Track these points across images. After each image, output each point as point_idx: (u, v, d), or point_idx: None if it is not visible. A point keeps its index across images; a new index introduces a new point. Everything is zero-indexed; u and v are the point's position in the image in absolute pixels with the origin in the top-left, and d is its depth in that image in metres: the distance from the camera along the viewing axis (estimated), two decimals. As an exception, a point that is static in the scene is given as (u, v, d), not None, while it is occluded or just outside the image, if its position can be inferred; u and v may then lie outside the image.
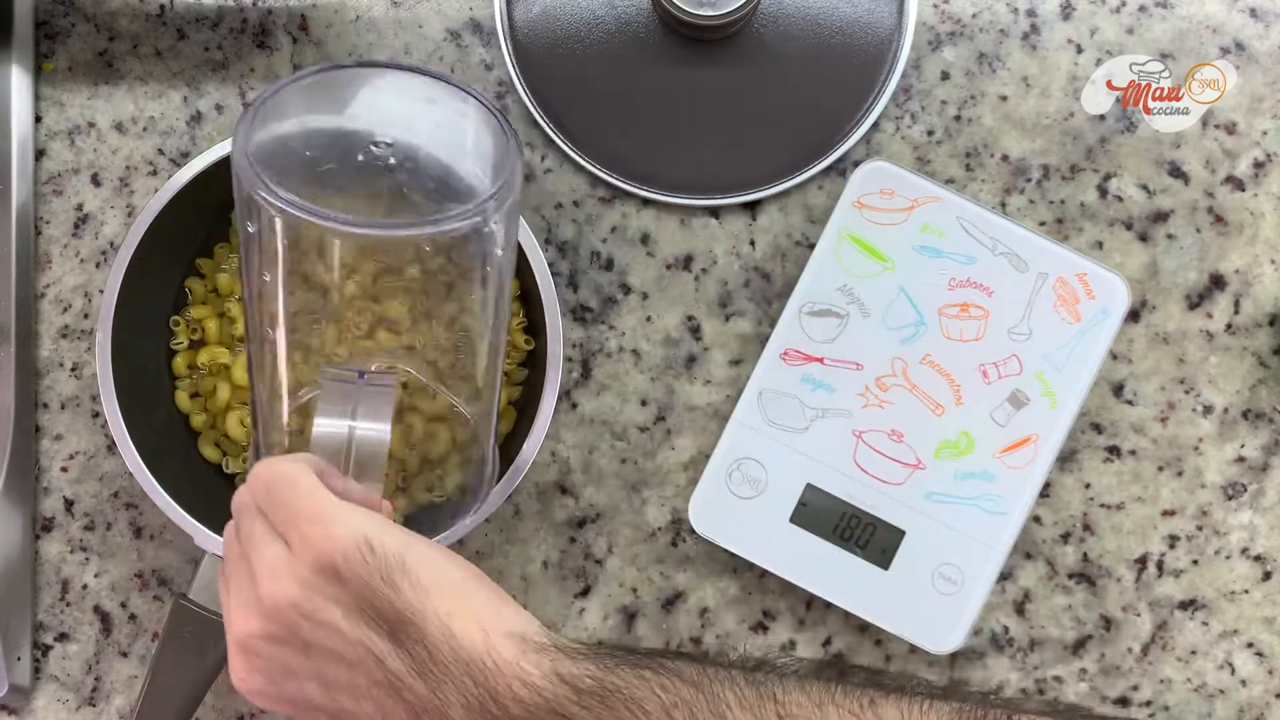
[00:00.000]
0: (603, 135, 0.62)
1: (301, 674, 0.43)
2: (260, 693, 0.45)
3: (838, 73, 0.62)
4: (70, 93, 0.65)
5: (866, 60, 0.62)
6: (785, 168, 0.62)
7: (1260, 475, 0.63)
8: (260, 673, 0.44)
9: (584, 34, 0.62)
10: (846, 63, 0.62)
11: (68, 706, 0.65)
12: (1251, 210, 0.63)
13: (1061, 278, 0.60)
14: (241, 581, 0.45)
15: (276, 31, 0.65)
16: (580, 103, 0.63)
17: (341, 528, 0.43)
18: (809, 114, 0.62)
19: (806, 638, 0.63)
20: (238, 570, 0.45)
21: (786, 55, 0.61)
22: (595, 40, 0.62)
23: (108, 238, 0.65)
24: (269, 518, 0.45)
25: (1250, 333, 0.63)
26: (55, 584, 0.65)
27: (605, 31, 0.62)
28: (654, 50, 0.62)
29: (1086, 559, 0.63)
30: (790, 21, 0.61)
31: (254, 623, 0.43)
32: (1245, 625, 0.63)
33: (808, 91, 0.62)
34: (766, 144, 0.62)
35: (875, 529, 0.60)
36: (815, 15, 0.61)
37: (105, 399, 0.57)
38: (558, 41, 0.62)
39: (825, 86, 0.62)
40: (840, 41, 0.62)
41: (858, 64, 0.62)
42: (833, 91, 0.62)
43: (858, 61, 0.62)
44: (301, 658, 0.43)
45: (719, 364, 0.64)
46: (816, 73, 0.62)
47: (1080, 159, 0.63)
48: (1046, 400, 0.60)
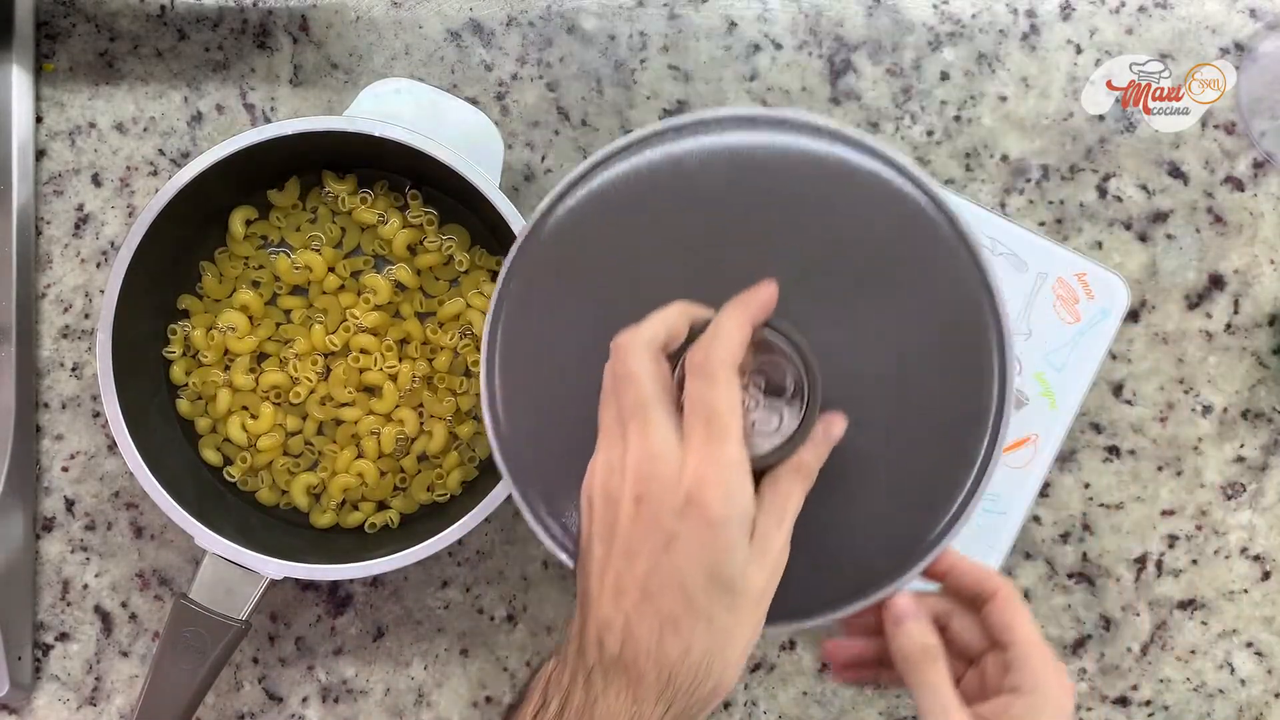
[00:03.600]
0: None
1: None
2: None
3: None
4: (71, 93, 0.65)
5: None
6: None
7: (1259, 475, 0.63)
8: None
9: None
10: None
11: (68, 706, 0.65)
12: (1251, 210, 0.63)
13: (1061, 278, 0.60)
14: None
15: (277, 32, 0.65)
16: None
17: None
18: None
19: (806, 638, 0.64)
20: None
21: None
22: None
23: (108, 238, 0.65)
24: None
25: (1249, 333, 0.63)
26: (56, 584, 0.65)
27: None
28: None
29: (1086, 559, 0.63)
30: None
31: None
32: (1244, 625, 0.63)
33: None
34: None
35: (875, 529, 0.60)
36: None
37: (106, 399, 0.57)
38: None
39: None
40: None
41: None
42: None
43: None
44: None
45: (719, 364, 0.64)
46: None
47: (1080, 159, 0.63)
48: (1046, 400, 0.60)
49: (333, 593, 0.65)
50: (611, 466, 0.42)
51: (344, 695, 0.64)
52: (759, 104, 0.64)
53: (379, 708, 0.64)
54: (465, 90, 0.64)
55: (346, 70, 0.64)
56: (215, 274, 0.63)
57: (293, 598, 0.65)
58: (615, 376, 0.43)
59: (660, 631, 0.40)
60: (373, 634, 0.64)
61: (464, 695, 0.64)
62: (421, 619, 0.64)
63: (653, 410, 0.42)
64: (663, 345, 0.44)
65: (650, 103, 0.64)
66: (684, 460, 0.41)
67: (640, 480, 0.41)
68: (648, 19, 0.64)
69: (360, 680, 0.64)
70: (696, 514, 0.40)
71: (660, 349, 0.43)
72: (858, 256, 0.48)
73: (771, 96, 0.64)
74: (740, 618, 0.41)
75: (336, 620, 0.65)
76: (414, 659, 0.64)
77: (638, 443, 0.42)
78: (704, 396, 0.41)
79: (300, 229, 0.63)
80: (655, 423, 0.41)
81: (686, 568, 0.40)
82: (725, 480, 0.41)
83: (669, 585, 0.41)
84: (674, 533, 0.40)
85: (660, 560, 0.40)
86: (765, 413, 0.45)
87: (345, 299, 0.63)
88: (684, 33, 0.64)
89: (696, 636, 0.41)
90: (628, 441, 0.42)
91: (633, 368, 0.42)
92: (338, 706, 0.64)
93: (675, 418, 0.42)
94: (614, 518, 0.42)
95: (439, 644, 0.64)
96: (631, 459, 0.42)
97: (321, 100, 0.65)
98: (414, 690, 0.64)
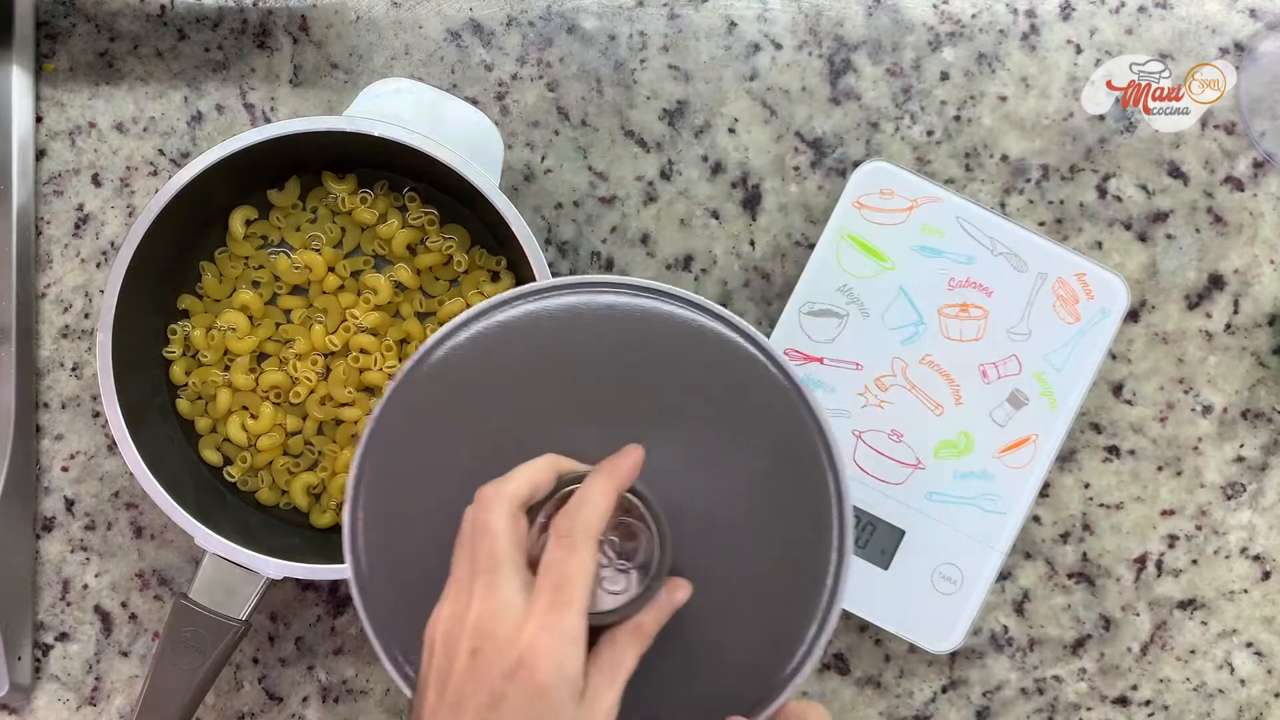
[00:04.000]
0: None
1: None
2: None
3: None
4: (71, 93, 0.65)
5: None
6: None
7: (1259, 475, 0.63)
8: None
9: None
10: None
11: (68, 706, 0.65)
12: (1250, 210, 0.63)
13: (1061, 278, 0.60)
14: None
15: (277, 32, 0.65)
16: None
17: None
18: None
19: (806, 637, 0.64)
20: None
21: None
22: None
23: (108, 238, 0.65)
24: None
25: (1249, 333, 0.63)
26: (56, 584, 0.65)
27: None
28: None
29: (1086, 559, 0.63)
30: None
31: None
32: (1244, 625, 0.63)
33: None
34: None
35: (875, 529, 0.60)
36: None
37: (106, 399, 0.57)
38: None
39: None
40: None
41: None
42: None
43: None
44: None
45: (719, 364, 0.64)
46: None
47: (1080, 159, 0.63)
48: (1046, 400, 0.60)
49: (333, 593, 0.65)
50: (455, 616, 0.43)
51: (344, 695, 0.64)
52: (759, 104, 0.64)
53: (379, 708, 0.64)
54: (465, 90, 0.64)
55: (346, 70, 0.64)
56: (215, 274, 0.63)
57: (293, 598, 0.65)
58: (473, 527, 0.44)
59: None
60: (373, 634, 0.64)
61: (464, 695, 0.64)
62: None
63: (503, 567, 0.43)
64: (525, 500, 0.45)
65: (650, 103, 0.64)
66: (523, 623, 0.42)
67: (478, 635, 0.42)
68: (648, 19, 0.64)
69: (360, 680, 0.64)
70: (525, 678, 0.41)
71: (522, 504, 0.45)
72: (705, 413, 0.50)
73: (771, 96, 0.64)
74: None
75: (336, 620, 0.65)
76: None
77: (482, 597, 0.42)
78: (559, 563, 0.43)
79: (300, 229, 0.63)
80: (503, 580, 0.42)
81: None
82: (559, 650, 0.42)
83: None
84: (501, 693, 0.41)
85: (486, 717, 0.41)
86: (614, 571, 0.46)
87: (345, 299, 0.63)
88: (684, 33, 0.64)
89: None
90: (474, 594, 0.43)
91: (491, 522, 0.43)
92: (338, 706, 0.64)
93: (526, 576, 0.43)
94: (448, 668, 0.43)
95: (439, 644, 0.64)
96: (474, 612, 0.43)
97: (321, 100, 0.65)
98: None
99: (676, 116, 0.64)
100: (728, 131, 0.64)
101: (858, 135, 0.64)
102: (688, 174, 0.64)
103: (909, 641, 0.61)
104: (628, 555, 0.46)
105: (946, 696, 0.63)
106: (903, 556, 0.60)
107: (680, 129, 0.64)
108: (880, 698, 0.64)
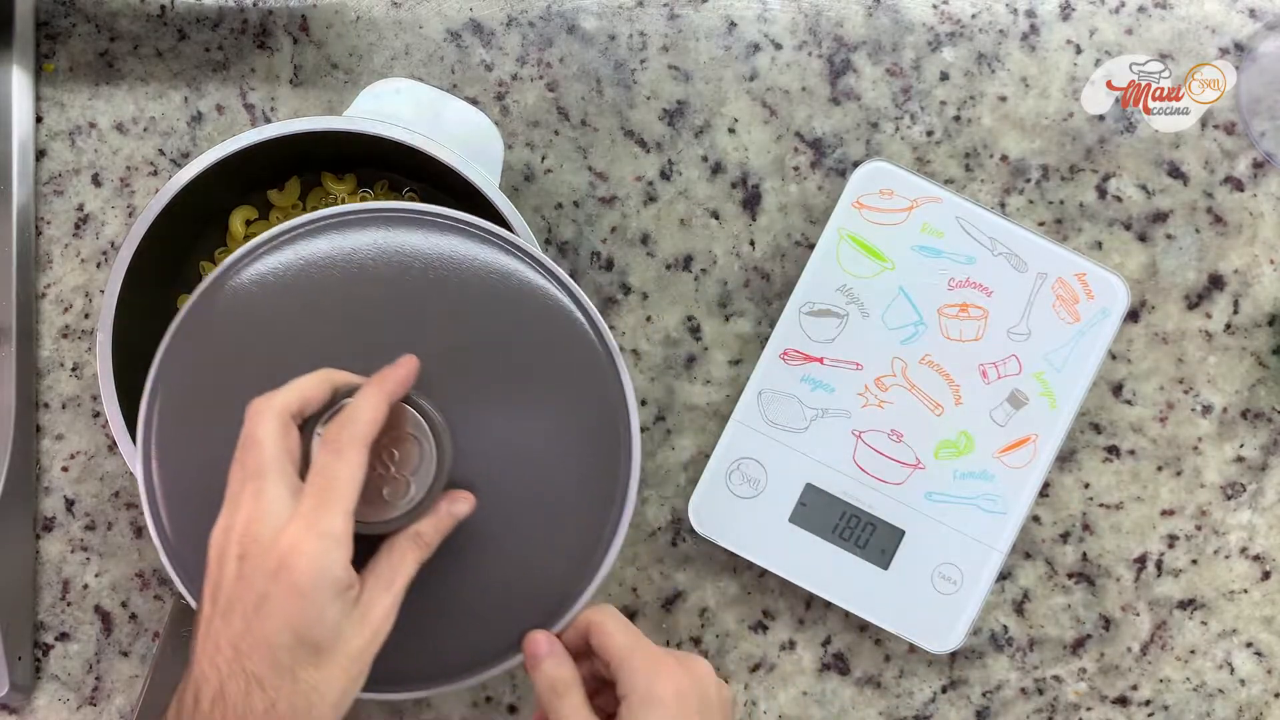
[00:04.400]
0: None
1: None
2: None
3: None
4: (71, 93, 0.65)
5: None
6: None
7: (1259, 475, 0.63)
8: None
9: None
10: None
11: (68, 706, 0.65)
12: (1250, 210, 0.63)
13: (1061, 278, 0.60)
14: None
15: (277, 32, 0.65)
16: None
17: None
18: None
19: (806, 637, 0.64)
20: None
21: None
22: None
23: (108, 238, 0.65)
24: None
25: (1249, 333, 0.63)
26: (56, 584, 0.65)
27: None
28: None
29: (1086, 559, 0.63)
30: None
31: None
32: (1244, 625, 0.63)
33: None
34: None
35: (875, 529, 0.60)
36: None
37: (106, 399, 0.57)
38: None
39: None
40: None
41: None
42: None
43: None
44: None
45: (719, 364, 0.64)
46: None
47: (1079, 159, 0.63)
48: (1045, 400, 0.60)
49: (333, 593, 0.65)
50: (226, 527, 0.44)
51: (344, 695, 0.64)
52: (759, 104, 0.64)
53: (380, 708, 0.64)
54: (465, 90, 0.64)
55: (346, 70, 0.64)
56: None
57: (293, 598, 0.65)
58: (242, 440, 0.44)
59: (247, 689, 0.42)
60: (373, 634, 0.64)
61: (464, 695, 0.64)
62: (421, 619, 0.64)
63: (269, 474, 0.43)
64: (296, 411, 0.45)
65: (650, 103, 0.64)
66: (287, 525, 0.43)
67: (245, 540, 0.43)
68: (648, 19, 0.64)
69: (360, 680, 0.64)
70: (286, 577, 0.42)
71: (292, 415, 0.45)
72: (504, 347, 0.52)
73: (771, 96, 0.64)
74: (329, 675, 0.43)
75: (336, 620, 0.65)
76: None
77: (249, 504, 0.43)
78: (326, 468, 0.44)
79: (300, 229, 0.63)
80: (269, 486, 0.43)
81: (274, 629, 0.42)
82: (318, 549, 0.42)
83: (258, 645, 0.42)
84: (265, 594, 0.42)
85: (252, 620, 0.42)
86: (396, 483, 0.47)
87: (345, 299, 0.63)
88: (684, 33, 0.64)
89: (281, 694, 0.42)
90: (242, 503, 0.43)
91: (258, 432, 0.44)
92: (338, 706, 0.64)
93: (295, 483, 0.44)
94: (220, 576, 0.43)
95: (439, 644, 0.64)
96: (241, 519, 0.43)
97: (321, 100, 0.65)
98: (414, 690, 0.64)
99: (676, 116, 0.64)
100: (728, 131, 0.64)
101: (858, 135, 0.64)
102: (688, 174, 0.64)
103: (909, 641, 0.61)
104: (412, 468, 0.48)
105: (946, 696, 0.63)
106: (903, 556, 0.60)
107: (680, 129, 0.64)
108: (880, 698, 0.64)
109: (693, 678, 0.48)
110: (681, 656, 0.48)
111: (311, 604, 0.42)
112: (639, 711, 0.46)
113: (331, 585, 0.43)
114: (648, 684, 0.46)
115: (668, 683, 0.47)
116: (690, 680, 0.47)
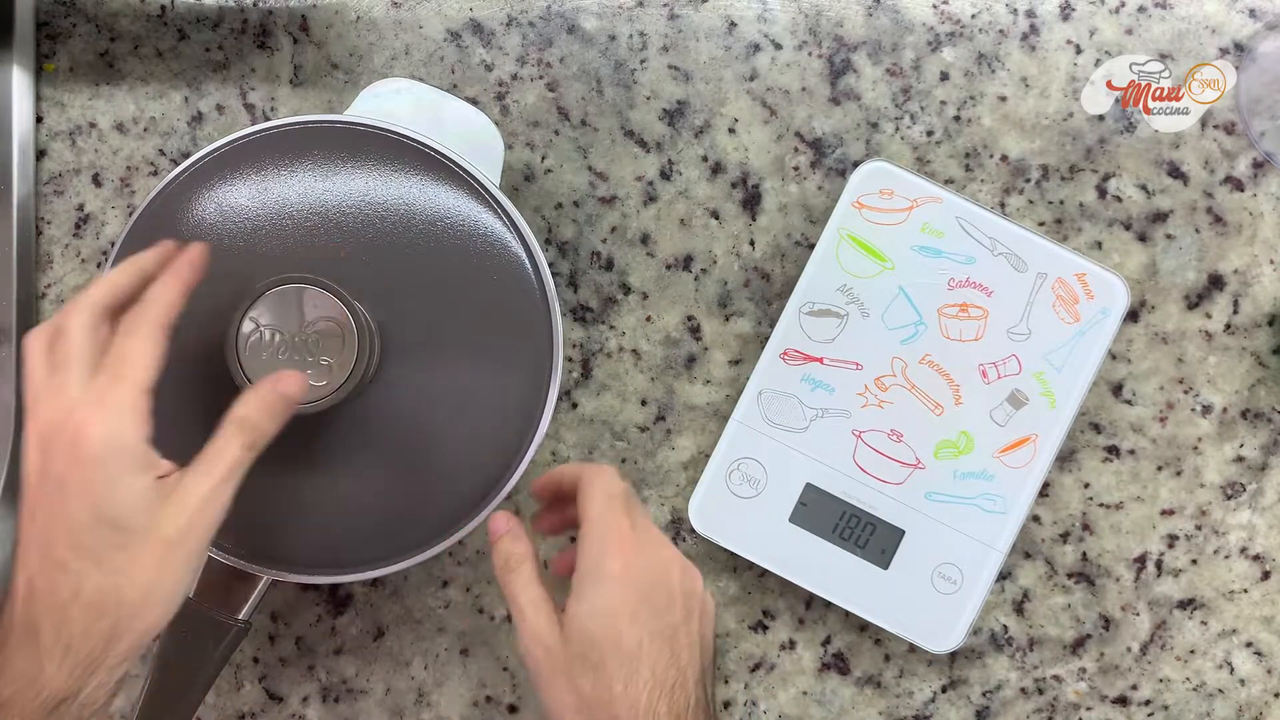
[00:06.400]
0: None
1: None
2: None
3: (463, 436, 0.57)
4: (71, 93, 0.65)
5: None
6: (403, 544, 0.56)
7: (1259, 475, 0.63)
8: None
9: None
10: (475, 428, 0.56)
11: (69, 706, 0.65)
12: (1250, 210, 0.63)
13: (1060, 278, 0.60)
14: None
15: (277, 32, 0.65)
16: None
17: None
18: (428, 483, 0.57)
19: (806, 637, 0.64)
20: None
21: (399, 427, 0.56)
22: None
23: (109, 238, 0.65)
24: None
25: (1249, 333, 0.63)
26: (56, 583, 0.65)
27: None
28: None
29: (1086, 558, 0.63)
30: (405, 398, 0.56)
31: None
32: (1244, 625, 0.63)
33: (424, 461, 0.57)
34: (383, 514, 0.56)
35: (875, 528, 0.60)
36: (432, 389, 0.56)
37: (106, 399, 0.57)
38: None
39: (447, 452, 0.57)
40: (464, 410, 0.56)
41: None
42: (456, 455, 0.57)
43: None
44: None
45: (719, 364, 0.64)
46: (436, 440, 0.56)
47: (1079, 159, 0.63)
48: (1045, 400, 0.60)
49: (333, 593, 0.65)
50: (33, 422, 0.43)
51: (344, 695, 0.64)
52: (759, 104, 0.64)
53: (379, 707, 0.64)
54: (465, 90, 0.64)
55: (346, 70, 0.64)
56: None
57: (293, 598, 0.65)
58: (50, 334, 0.45)
59: (54, 579, 0.41)
60: (373, 634, 0.64)
61: (464, 695, 0.64)
62: (422, 618, 0.64)
63: (73, 367, 0.43)
64: (107, 304, 0.45)
65: (650, 103, 0.64)
66: (77, 405, 0.42)
67: (47, 430, 0.42)
68: (648, 19, 0.64)
69: (360, 680, 0.65)
70: (78, 454, 0.41)
71: (104, 309, 0.45)
72: (435, 251, 0.56)
73: (771, 96, 0.64)
74: (138, 558, 0.42)
75: (337, 620, 0.65)
76: (414, 659, 0.64)
77: (51, 397, 0.43)
78: (118, 348, 0.44)
79: (300, 229, 0.63)
80: (72, 377, 0.43)
81: (73, 509, 0.41)
82: (106, 420, 0.42)
83: (60, 529, 0.41)
84: (63, 476, 0.42)
85: (54, 508, 0.42)
86: (321, 370, 0.51)
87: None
88: (684, 33, 0.64)
89: (85, 576, 0.41)
90: (44, 396, 0.43)
91: (65, 326, 0.44)
92: (338, 706, 0.64)
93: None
94: (29, 472, 0.43)
95: (439, 644, 0.64)
96: (43, 412, 0.43)
97: (321, 100, 0.65)
98: (414, 690, 0.64)
99: (676, 116, 0.64)
100: (728, 131, 0.64)
101: (858, 135, 0.64)
102: (688, 174, 0.64)
103: (909, 641, 0.61)
104: (339, 359, 0.51)
105: (946, 696, 0.63)
106: (902, 556, 0.60)
107: (680, 129, 0.64)
108: (880, 697, 0.64)
109: (649, 559, 0.46)
110: (650, 538, 0.46)
111: (104, 475, 0.41)
112: (580, 585, 0.45)
113: (125, 455, 0.42)
114: (596, 557, 0.45)
115: (615, 559, 0.45)
116: (644, 560, 0.45)
